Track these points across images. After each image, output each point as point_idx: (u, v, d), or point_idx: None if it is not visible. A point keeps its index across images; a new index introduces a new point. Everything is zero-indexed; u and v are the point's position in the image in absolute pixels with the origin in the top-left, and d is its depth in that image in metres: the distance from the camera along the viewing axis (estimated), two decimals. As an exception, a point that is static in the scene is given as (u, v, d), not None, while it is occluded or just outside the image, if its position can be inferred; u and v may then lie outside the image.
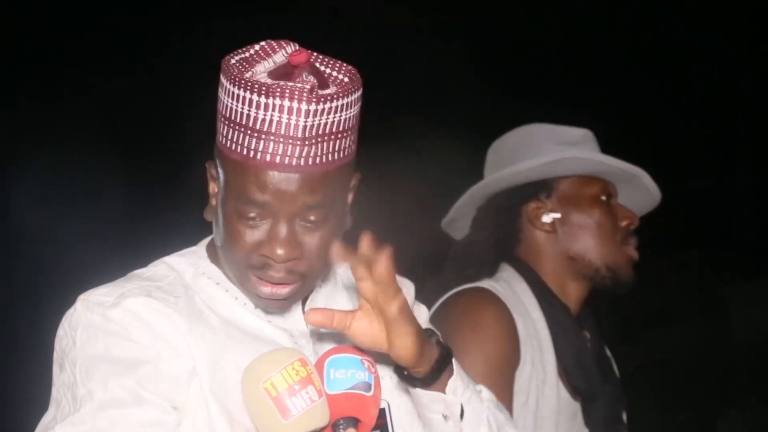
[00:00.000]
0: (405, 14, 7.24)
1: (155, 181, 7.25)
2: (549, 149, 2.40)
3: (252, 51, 1.55)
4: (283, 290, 1.55)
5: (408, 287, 1.83)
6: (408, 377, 1.59)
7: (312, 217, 1.52)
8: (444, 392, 1.59)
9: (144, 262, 1.65)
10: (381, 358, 1.67)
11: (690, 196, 9.30)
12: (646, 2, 8.25)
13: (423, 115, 7.19)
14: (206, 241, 1.70)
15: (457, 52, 7.42)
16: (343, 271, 1.77)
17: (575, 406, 2.38)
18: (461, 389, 1.61)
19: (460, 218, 2.56)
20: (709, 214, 10.25)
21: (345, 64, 1.55)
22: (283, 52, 1.55)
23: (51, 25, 6.99)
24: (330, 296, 1.73)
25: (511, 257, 2.44)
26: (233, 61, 1.54)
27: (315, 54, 1.56)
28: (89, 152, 6.68)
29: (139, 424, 1.47)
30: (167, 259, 1.66)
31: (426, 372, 1.57)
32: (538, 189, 2.42)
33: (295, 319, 1.65)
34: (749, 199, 10.61)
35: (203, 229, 1.70)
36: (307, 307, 1.67)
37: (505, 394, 2.21)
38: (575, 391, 2.37)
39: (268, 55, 1.54)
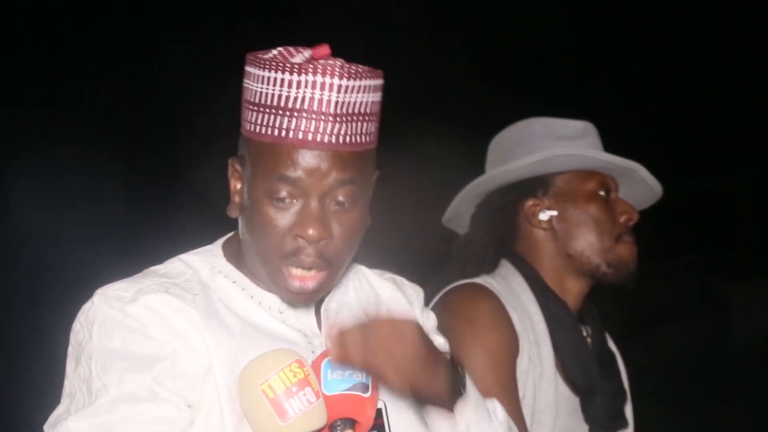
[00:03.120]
0: (404, 13, 7.24)
1: (156, 183, 7.26)
2: (545, 145, 2.38)
3: (271, 54, 1.57)
4: (312, 283, 1.55)
5: (417, 293, 1.83)
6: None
7: (341, 198, 1.53)
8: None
9: (145, 262, 1.65)
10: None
11: (690, 196, 9.30)
12: (648, 2, 8.26)
13: (424, 113, 7.19)
14: (221, 240, 1.69)
15: (457, 50, 7.42)
16: (352, 273, 1.78)
17: (575, 401, 2.37)
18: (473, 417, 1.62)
19: (460, 215, 2.55)
20: (710, 214, 10.25)
21: (361, 65, 1.58)
22: (301, 56, 1.57)
23: (52, 28, 6.99)
24: (343, 299, 1.73)
25: (510, 253, 2.43)
26: (258, 55, 1.56)
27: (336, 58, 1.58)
28: (90, 154, 6.69)
29: (152, 421, 1.46)
30: (183, 256, 1.65)
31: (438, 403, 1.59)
32: (535, 186, 2.40)
33: (309, 321, 1.65)
34: (749, 199, 10.61)
35: (204, 229, 1.70)
36: (322, 310, 1.67)
37: (510, 384, 2.21)
38: (573, 385, 2.37)
39: (286, 59, 1.56)
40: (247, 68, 1.57)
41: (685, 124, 9.29)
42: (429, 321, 1.81)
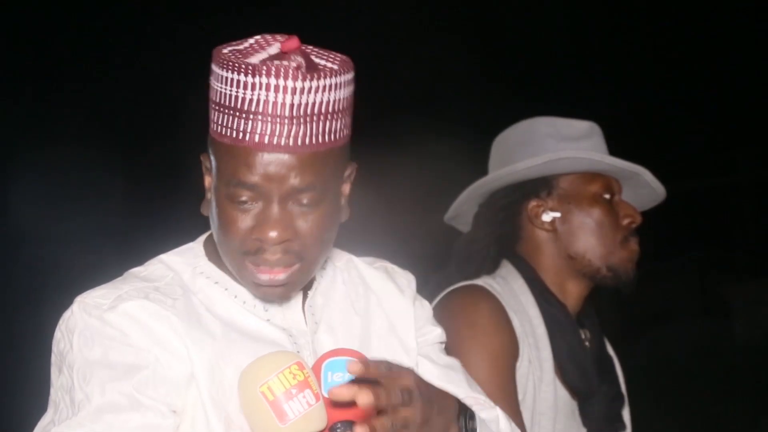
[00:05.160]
0: (404, 12, 7.23)
1: (155, 180, 7.25)
2: (549, 145, 2.38)
3: (247, 44, 1.55)
4: (281, 275, 1.52)
5: (409, 281, 1.80)
6: None
7: (304, 200, 1.50)
8: None
9: (144, 260, 1.64)
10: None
11: (690, 196, 9.30)
12: (649, 3, 8.26)
13: (423, 113, 7.18)
14: (203, 237, 1.67)
15: (458, 49, 7.41)
16: (343, 264, 1.75)
17: (573, 404, 2.37)
18: None
19: (463, 213, 2.55)
20: (710, 214, 10.25)
21: (337, 54, 1.55)
22: (278, 46, 1.55)
23: (52, 25, 6.99)
24: (329, 292, 1.70)
25: (512, 254, 2.43)
26: (225, 50, 1.54)
27: (308, 46, 1.55)
28: (89, 152, 6.68)
29: (137, 429, 1.45)
30: (164, 257, 1.64)
31: None
32: (538, 187, 2.40)
33: (295, 317, 1.63)
34: (750, 199, 10.61)
35: (203, 227, 1.69)
36: (306, 305, 1.66)
37: (510, 387, 2.20)
38: (571, 388, 2.37)
39: (263, 48, 1.54)
40: (212, 65, 1.54)
41: (685, 124, 9.28)
42: (423, 310, 1.78)
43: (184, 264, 1.62)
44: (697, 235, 9.98)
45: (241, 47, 1.54)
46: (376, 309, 1.72)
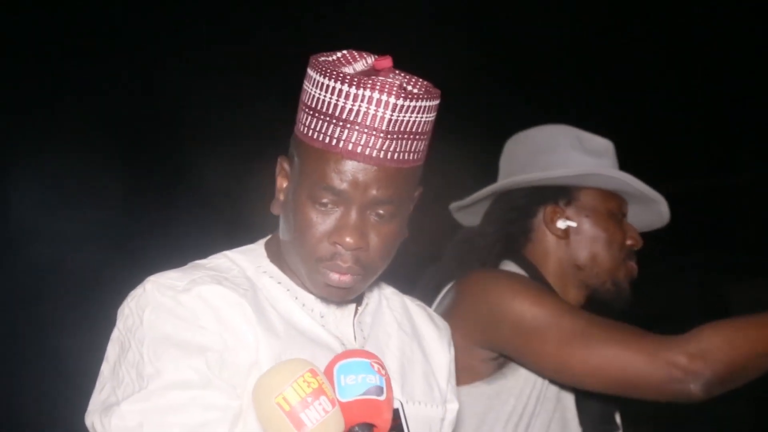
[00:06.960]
0: (408, 11, 7.24)
1: (156, 184, 7.26)
2: (574, 157, 2.46)
3: (335, 57, 1.61)
4: (347, 278, 1.59)
5: (447, 328, 1.90)
6: None
7: (381, 211, 1.58)
8: None
9: (146, 263, 1.66)
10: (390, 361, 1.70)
11: (690, 196, 9.30)
12: (649, 3, 8.28)
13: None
14: (263, 240, 1.74)
15: (463, 51, 7.42)
16: (390, 293, 1.83)
17: (572, 403, 2.42)
18: None
19: (471, 208, 2.60)
20: (710, 214, 10.26)
21: (420, 79, 1.62)
22: (364, 62, 1.62)
23: (53, 27, 7.00)
24: (377, 314, 1.77)
25: (516, 255, 2.47)
26: (321, 59, 1.60)
27: (396, 69, 1.64)
28: (90, 155, 6.69)
29: (204, 407, 1.49)
30: (228, 253, 1.70)
31: None
32: (559, 194, 2.48)
33: (345, 329, 1.70)
34: (750, 199, 10.61)
35: (205, 231, 1.71)
36: (356, 321, 1.71)
37: (559, 300, 2.24)
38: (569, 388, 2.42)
39: (349, 63, 1.61)
40: (309, 70, 1.60)
41: (685, 124, 9.30)
42: (452, 360, 1.86)
43: (248, 261, 1.69)
44: (697, 235, 9.99)
45: (331, 59, 1.61)
46: (418, 340, 1.79)
